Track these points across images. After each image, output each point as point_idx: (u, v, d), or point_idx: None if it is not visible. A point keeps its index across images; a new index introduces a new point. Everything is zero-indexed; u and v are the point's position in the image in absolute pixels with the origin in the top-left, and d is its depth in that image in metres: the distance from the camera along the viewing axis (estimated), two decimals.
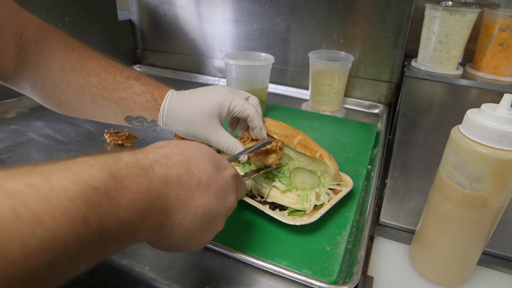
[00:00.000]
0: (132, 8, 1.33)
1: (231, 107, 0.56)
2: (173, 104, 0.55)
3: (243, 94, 0.60)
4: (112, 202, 0.26)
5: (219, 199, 0.37)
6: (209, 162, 0.37)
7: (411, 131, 0.74)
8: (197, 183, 0.34)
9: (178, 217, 0.32)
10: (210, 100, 0.55)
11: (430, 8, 0.87)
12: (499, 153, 0.36)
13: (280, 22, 1.10)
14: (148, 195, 0.29)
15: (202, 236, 0.37)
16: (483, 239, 0.42)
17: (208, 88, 0.58)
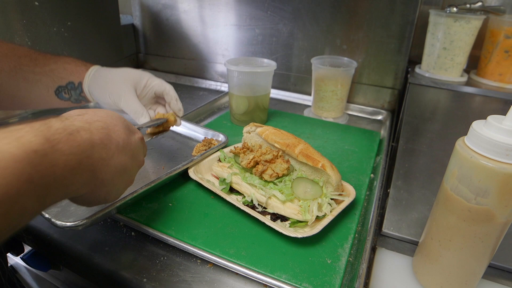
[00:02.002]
0: (135, 13, 1.33)
1: (149, 81, 0.64)
2: (99, 68, 0.64)
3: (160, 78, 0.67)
4: (50, 162, 0.31)
5: (133, 158, 0.44)
6: (123, 127, 0.43)
7: (415, 139, 0.73)
8: (115, 145, 0.40)
9: (101, 173, 0.38)
10: (132, 71, 0.64)
11: (435, 15, 0.86)
12: (506, 167, 0.35)
13: (283, 27, 1.09)
14: (77, 156, 0.34)
15: (118, 190, 0.44)
16: (489, 253, 0.41)
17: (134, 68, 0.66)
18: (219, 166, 0.64)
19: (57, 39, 1.03)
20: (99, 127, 0.39)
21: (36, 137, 0.30)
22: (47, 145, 0.31)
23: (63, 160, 0.32)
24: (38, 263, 0.64)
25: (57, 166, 0.31)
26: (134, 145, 0.44)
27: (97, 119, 0.40)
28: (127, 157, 0.42)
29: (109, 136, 0.40)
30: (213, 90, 1.25)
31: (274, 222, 0.52)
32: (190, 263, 0.48)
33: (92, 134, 0.37)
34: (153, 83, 0.65)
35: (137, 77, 0.63)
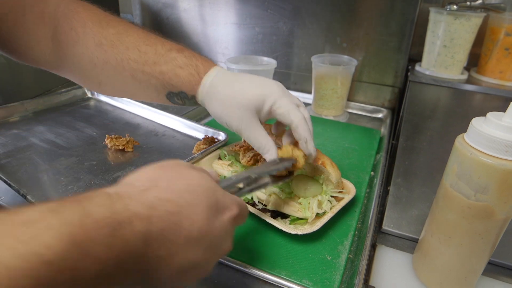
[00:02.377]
0: (135, 11, 1.33)
1: (275, 105, 0.48)
2: (216, 81, 0.50)
3: (296, 100, 0.52)
4: (73, 276, 0.21)
5: (211, 250, 0.33)
6: (206, 208, 0.32)
7: (415, 137, 0.73)
8: (185, 237, 0.29)
9: (158, 273, 0.28)
10: (255, 89, 0.48)
11: (435, 12, 0.86)
12: (505, 164, 0.35)
13: (283, 26, 1.09)
14: (120, 259, 0.24)
15: (182, 284, 0.32)
16: (488, 250, 0.41)
17: (258, 77, 0.51)
18: (220, 164, 0.64)
19: None
20: (165, 213, 0.28)
21: (58, 239, 0.21)
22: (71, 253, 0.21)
23: (95, 270, 0.22)
24: None
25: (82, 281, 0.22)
26: (217, 233, 0.33)
27: (167, 197, 0.30)
28: (201, 251, 0.31)
29: (177, 226, 0.29)
30: None
31: (275, 219, 0.52)
32: None
33: (150, 225, 0.27)
34: (278, 111, 0.48)
35: (261, 102, 0.48)
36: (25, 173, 0.64)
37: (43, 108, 0.94)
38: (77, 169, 0.66)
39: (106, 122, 0.87)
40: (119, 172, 0.66)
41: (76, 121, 0.86)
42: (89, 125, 0.84)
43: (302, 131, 0.48)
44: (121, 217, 0.25)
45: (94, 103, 0.98)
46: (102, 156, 0.71)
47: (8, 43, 0.50)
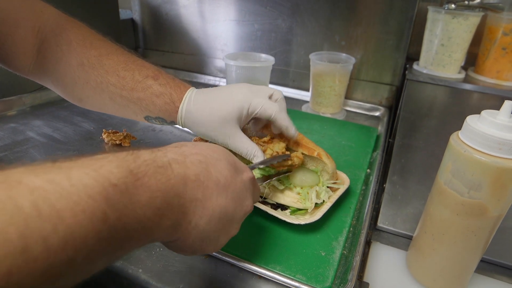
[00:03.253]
0: (134, 7, 1.32)
1: (251, 109, 0.52)
2: (191, 106, 0.54)
3: (266, 91, 0.55)
4: (131, 199, 0.26)
5: (236, 201, 0.36)
6: (227, 163, 0.36)
7: (411, 135, 0.74)
8: (215, 183, 0.34)
9: (195, 216, 0.32)
10: (229, 103, 0.52)
11: (433, 11, 0.86)
12: (498, 161, 0.35)
13: (282, 23, 1.09)
14: (166, 193, 0.29)
15: (217, 238, 0.36)
16: (481, 247, 0.42)
17: (228, 88, 0.55)
18: None
19: None
20: (196, 161, 0.33)
21: (119, 168, 0.26)
22: (129, 179, 0.26)
23: (147, 197, 0.27)
24: None
25: (139, 204, 0.26)
26: (239, 186, 0.37)
27: (195, 151, 0.35)
28: (229, 200, 0.35)
29: (208, 172, 0.34)
30: (212, 85, 1.25)
31: (276, 211, 0.53)
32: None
33: (186, 168, 0.32)
34: (256, 110, 0.53)
35: (238, 111, 0.52)
36: None
37: (40, 103, 0.94)
38: None
39: (103, 117, 0.86)
40: None
41: (73, 116, 0.86)
42: (87, 120, 0.84)
43: (280, 121, 0.54)
44: (162, 161, 0.30)
45: None
46: (99, 150, 0.71)
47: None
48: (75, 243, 0.21)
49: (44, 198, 0.21)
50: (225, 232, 0.36)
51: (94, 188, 0.23)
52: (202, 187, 0.32)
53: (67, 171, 0.23)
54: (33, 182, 0.21)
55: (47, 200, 0.21)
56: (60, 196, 0.21)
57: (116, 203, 0.24)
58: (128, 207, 0.25)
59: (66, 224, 0.21)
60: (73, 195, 0.22)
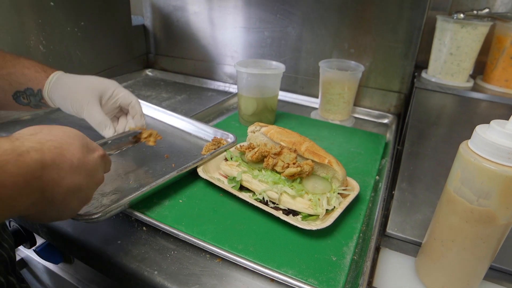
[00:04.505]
0: (146, 14, 1.35)
1: (115, 92, 0.62)
2: (61, 75, 0.61)
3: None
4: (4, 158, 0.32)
5: (89, 177, 0.42)
6: (79, 146, 0.41)
7: (420, 143, 0.74)
8: (69, 165, 0.39)
9: (52, 194, 0.37)
10: (97, 80, 0.62)
11: (442, 20, 0.87)
12: (507, 170, 0.36)
13: (291, 31, 1.11)
14: (26, 177, 0.33)
15: (71, 208, 0.42)
16: (490, 254, 0.43)
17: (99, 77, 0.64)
18: (228, 165, 0.66)
19: (70, 39, 1.05)
20: (51, 146, 0.38)
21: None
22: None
23: (11, 181, 0.32)
24: (50, 256, 0.66)
25: (3, 187, 0.31)
26: (91, 164, 0.43)
27: (50, 138, 0.39)
28: (82, 177, 0.41)
29: (62, 156, 0.38)
30: (221, 91, 1.27)
31: (287, 216, 0.54)
32: (200, 257, 0.50)
33: (43, 154, 0.36)
34: (119, 94, 0.63)
35: (102, 87, 0.62)
36: None
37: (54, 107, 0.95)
38: None
39: None
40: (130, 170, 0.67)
41: None
42: None
43: (138, 107, 0.66)
44: (20, 150, 0.34)
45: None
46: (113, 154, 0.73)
47: None
48: None
49: None
50: (78, 202, 0.43)
51: None
52: (57, 169, 0.37)
53: None
54: None
55: None
56: None
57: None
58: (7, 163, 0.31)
59: None
60: None
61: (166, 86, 1.29)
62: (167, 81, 1.35)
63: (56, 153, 0.38)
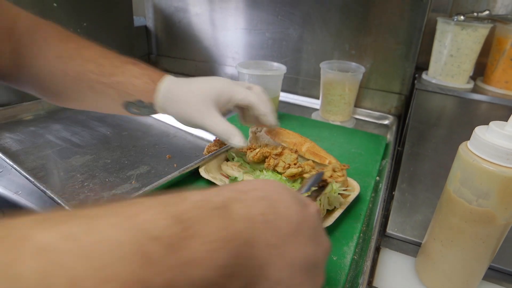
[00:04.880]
0: (148, 15, 1.36)
1: (231, 93, 0.53)
2: (170, 84, 0.54)
3: (245, 84, 0.58)
4: (181, 258, 0.19)
5: (315, 240, 0.29)
6: (291, 197, 0.29)
7: (420, 144, 0.75)
8: (286, 222, 0.26)
9: (275, 269, 0.24)
10: (209, 84, 0.53)
11: (442, 22, 0.88)
12: (506, 171, 0.37)
13: (292, 32, 1.11)
14: (230, 242, 0.21)
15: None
16: (489, 254, 0.43)
17: (208, 76, 0.56)
18: (229, 165, 0.66)
19: None
20: (257, 197, 0.26)
21: (161, 214, 0.20)
22: (176, 228, 0.19)
23: (204, 251, 0.20)
24: None
25: (193, 263, 0.19)
26: (313, 222, 0.29)
27: (252, 187, 0.28)
28: (308, 241, 0.27)
29: (275, 209, 0.26)
30: None
31: None
32: None
33: (249, 207, 0.25)
34: (236, 95, 0.54)
35: (217, 92, 0.53)
36: (43, 168, 0.66)
37: (56, 108, 0.96)
38: (92, 167, 0.68)
39: (119, 122, 0.89)
40: (132, 170, 0.68)
41: (90, 120, 0.89)
42: (103, 125, 0.87)
43: (261, 108, 0.55)
44: (217, 200, 0.24)
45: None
46: (115, 154, 0.74)
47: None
48: None
49: (57, 263, 0.15)
50: (313, 280, 0.28)
51: (128, 245, 0.17)
52: (273, 228, 0.25)
53: (89, 222, 0.18)
54: (42, 239, 0.16)
55: (60, 265, 0.15)
56: (77, 258, 0.16)
57: (160, 265, 0.18)
58: (179, 269, 0.18)
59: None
60: (94, 256, 0.16)
61: None
62: None
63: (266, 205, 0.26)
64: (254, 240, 0.23)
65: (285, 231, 0.26)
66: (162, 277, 0.17)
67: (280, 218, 0.26)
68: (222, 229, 0.21)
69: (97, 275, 0.16)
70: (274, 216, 0.26)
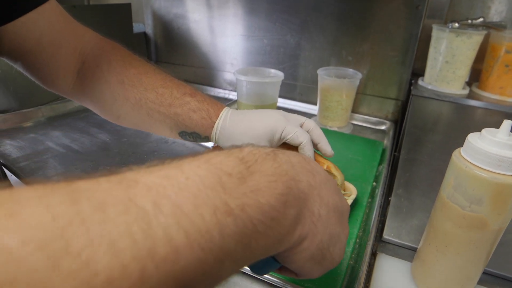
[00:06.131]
0: (147, 21, 1.37)
1: (284, 133, 0.54)
2: (226, 123, 0.55)
3: (298, 119, 0.58)
4: (250, 187, 0.23)
5: (339, 195, 0.34)
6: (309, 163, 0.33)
7: (416, 149, 0.76)
8: (318, 173, 0.31)
9: (315, 205, 0.29)
10: (262, 123, 0.54)
11: (437, 29, 0.89)
12: (498, 177, 0.38)
13: (290, 39, 1.13)
14: (282, 177, 0.26)
15: (339, 235, 0.32)
16: (483, 259, 0.44)
17: (263, 111, 0.57)
18: None
19: None
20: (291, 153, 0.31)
21: (228, 157, 0.25)
22: (242, 167, 0.24)
23: (266, 182, 0.25)
24: None
25: (259, 191, 0.24)
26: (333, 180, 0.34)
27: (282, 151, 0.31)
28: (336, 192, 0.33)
29: (308, 162, 0.31)
30: (221, 98, 1.28)
31: None
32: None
33: (289, 156, 0.29)
34: (288, 136, 0.54)
35: (272, 131, 0.54)
36: (43, 175, 0.67)
37: (56, 114, 0.97)
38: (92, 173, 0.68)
39: (118, 128, 0.90)
40: None
41: (89, 127, 0.90)
42: (102, 131, 0.88)
43: (307, 150, 0.55)
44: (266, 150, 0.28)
45: None
46: (115, 161, 0.74)
47: (41, 71, 0.54)
48: (201, 240, 0.19)
49: (163, 194, 0.20)
50: (342, 227, 0.33)
51: (209, 179, 0.22)
52: (310, 173, 0.30)
53: (178, 165, 0.22)
54: (149, 180, 0.20)
55: (166, 195, 0.20)
56: (179, 190, 0.20)
57: (236, 192, 0.22)
58: (249, 196, 0.23)
59: (190, 219, 0.19)
60: (190, 187, 0.21)
61: None
62: None
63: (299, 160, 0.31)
64: (298, 178, 0.28)
65: (319, 178, 0.31)
66: (239, 201, 0.22)
67: (313, 168, 0.31)
68: (275, 167, 0.26)
69: (194, 201, 0.20)
70: (309, 166, 0.31)
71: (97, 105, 0.59)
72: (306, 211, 0.28)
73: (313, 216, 0.29)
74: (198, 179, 0.21)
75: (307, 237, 0.28)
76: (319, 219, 0.29)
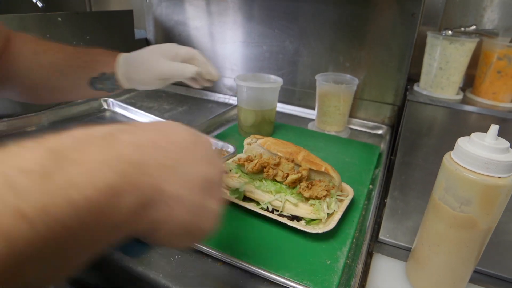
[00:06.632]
0: (149, 28, 1.39)
1: (176, 49, 0.67)
2: (129, 54, 0.68)
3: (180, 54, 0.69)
4: (57, 183, 0.20)
5: (208, 162, 0.31)
6: (183, 129, 0.31)
7: (412, 153, 0.78)
8: (178, 147, 0.29)
9: (170, 186, 0.26)
10: (156, 47, 0.67)
11: (431, 37, 0.92)
12: (486, 179, 0.40)
13: (289, 45, 1.15)
14: (114, 162, 0.23)
15: (207, 207, 0.30)
16: (474, 257, 0.46)
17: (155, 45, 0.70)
18: (229, 177, 0.69)
19: None
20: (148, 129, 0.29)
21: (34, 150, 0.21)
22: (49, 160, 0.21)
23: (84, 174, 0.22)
24: None
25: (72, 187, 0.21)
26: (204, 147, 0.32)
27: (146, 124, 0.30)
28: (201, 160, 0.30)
29: (166, 137, 0.29)
30: (221, 103, 1.30)
31: (293, 222, 0.58)
32: (202, 261, 0.53)
33: (136, 135, 0.27)
34: (182, 51, 0.67)
35: (165, 50, 0.66)
36: None
37: (59, 119, 0.99)
38: None
39: None
40: None
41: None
42: None
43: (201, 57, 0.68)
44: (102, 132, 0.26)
45: (110, 114, 1.04)
46: None
47: None
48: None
49: None
50: (213, 197, 0.31)
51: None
52: (164, 151, 0.27)
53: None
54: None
55: None
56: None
57: (33, 193, 0.19)
58: (55, 194, 0.20)
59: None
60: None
61: (168, 97, 1.33)
62: (169, 92, 1.38)
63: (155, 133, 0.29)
64: (143, 162, 0.25)
65: (176, 154, 0.28)
66: (37, 203, 0.19)
67: (171, 144, 0.28)
68: (105, 154, 0.23)
69: None
70: (165, 143, 0.28)
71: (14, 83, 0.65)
72: (157, 195, 0.25)
73: (168, 198, 0.26)
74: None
75: (164, 220, 0.26)
76: (178, 200, 0.27)
